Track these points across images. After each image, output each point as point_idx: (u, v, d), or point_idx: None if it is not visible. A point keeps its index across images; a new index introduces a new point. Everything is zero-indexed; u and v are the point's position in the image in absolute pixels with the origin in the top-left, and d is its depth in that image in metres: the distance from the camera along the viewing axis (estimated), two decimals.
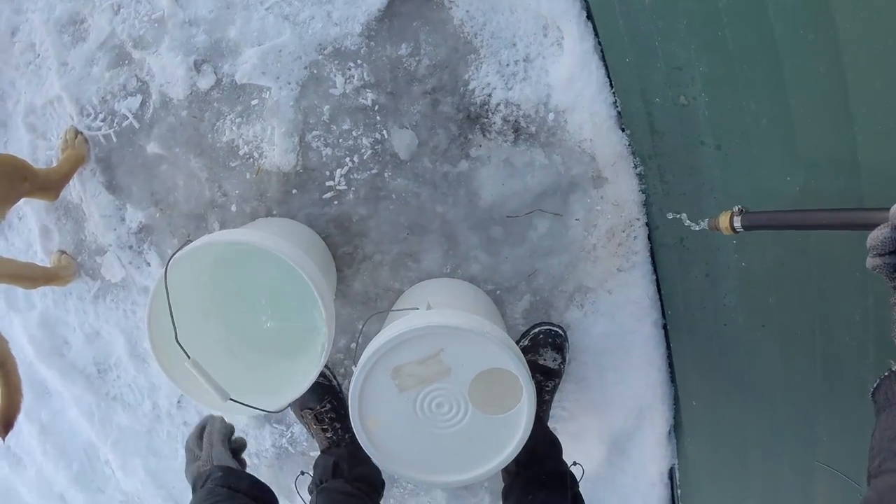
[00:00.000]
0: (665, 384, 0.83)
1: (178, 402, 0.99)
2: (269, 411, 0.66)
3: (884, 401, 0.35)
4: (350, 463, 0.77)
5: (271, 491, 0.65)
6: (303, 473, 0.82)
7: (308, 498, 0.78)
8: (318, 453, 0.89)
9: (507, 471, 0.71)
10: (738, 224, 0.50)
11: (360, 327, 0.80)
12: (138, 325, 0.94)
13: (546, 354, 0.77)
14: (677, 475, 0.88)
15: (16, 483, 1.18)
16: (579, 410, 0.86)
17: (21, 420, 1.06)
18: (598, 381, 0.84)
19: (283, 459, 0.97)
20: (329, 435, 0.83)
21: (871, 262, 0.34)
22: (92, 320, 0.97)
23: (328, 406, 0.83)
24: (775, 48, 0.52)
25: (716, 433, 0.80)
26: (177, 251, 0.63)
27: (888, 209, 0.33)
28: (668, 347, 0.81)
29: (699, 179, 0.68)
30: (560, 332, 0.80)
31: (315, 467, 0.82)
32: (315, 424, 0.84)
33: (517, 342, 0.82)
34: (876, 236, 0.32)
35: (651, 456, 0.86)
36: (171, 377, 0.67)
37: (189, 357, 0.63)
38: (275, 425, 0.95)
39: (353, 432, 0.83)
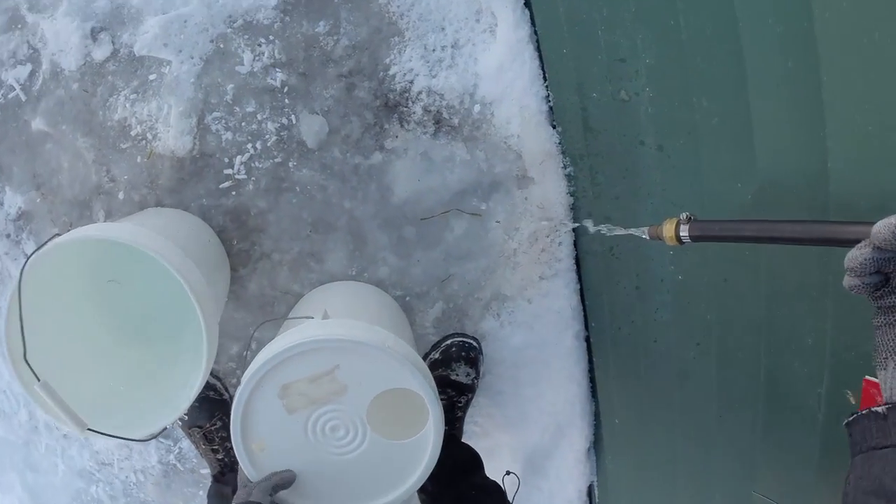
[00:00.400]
0: (585, 400, 0.76)
1: None
2: (134, 440, 0.58)
3: (860, 439, 0.32)
4: None
5: None
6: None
7: None
8: (209, 470, 0.80)
9: (424, 491, 0.64)
10: (685, 233, 0.44)
11: (252, 333, 0.72)
12: (2, 351, 0.85)
13: (458, 369, 0.71)
14: (596, 493, 0.82)
15: None
16: (493, 426, 0.79)
17: None
18: (514, 395, 0.77)
19: (171, 477, 0.87)
20: (220, 457, 0.75)
21: (848, 281, 0.31)
22: None
23: (219, 424, 0.75)
24: (738, 39, 0.47)
25: (640, 453, 0.74)
26: (37, 249, 0.55)
27: (869, 224, 0.29)
28: (591, 362, 0.75)
29: (635, 182, 0.62)
30: (474, 344, 0.73)
31: (209, 497, 0.74)
32: (204, 444, 0.75)
33: (427, 354, 0.75)
34: (855, 257, 0.29)
35: (569, 474, 0.79)
36: (31, 397, 0.58)
37: (39, 379, 0.54)
38: (161, 440, 0.85)
39: None
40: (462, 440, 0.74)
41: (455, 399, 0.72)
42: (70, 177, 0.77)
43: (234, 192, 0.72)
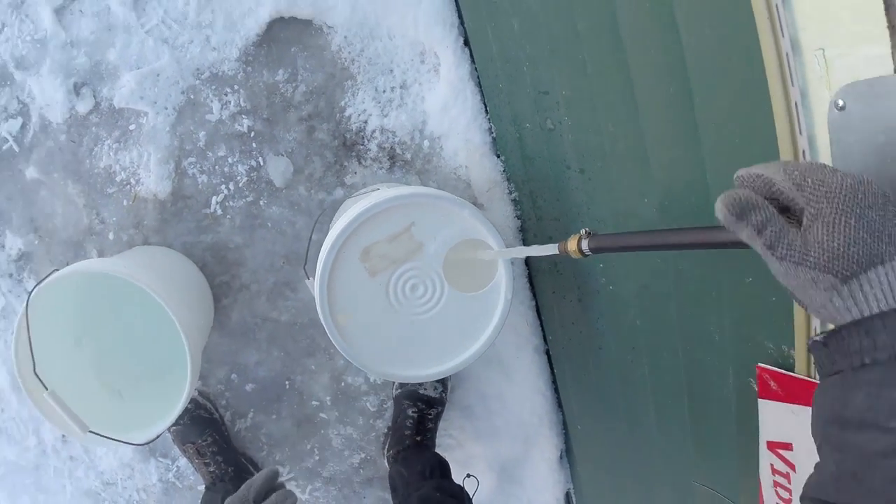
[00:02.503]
0: (552, 410, 0.92)
1: (63, 436, 1.08)
2: (131, 443, 0.75)
3: (819, 369, 0.35)
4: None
5: None
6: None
7: None
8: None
9: (394, 491, 0.81)
10: (585, 247, 0.54)
11: (313, 227, 0.85)
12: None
13: (427, 384, 0.87)
14: (574, 499, 0.97)
15: None
16: (466, 438, 0.95)
17: None
18: (482, 408, 0.93)
19: (171, 495, 1.06)
20: (212, 469, 0.92)
21: (740, 232, 0.33)
22: None
23: (209, 439, 0.92)
24: (628, 69, 0.60)
25: (602, 457, 0.89)
26: (40, 282, 0.73)
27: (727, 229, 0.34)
28: (553, 373, 0.91)
29: (567, 204, 0.77)
30: None
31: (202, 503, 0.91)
32: (197, 458, 0.93)
33: None
34: (727, 201, 0.32)
35: (544, 482, 0.95)
36: (38, 408, 0.77)
37: (47, 388, 0.72)
38: (160, 459, 1.04)
39: (235, 465, 0.92)
40: (435, 451, 0.90)
41: (426, 412, 0.88)
42: (64, 220, 0.96)
43: (212, 230, 0.90)
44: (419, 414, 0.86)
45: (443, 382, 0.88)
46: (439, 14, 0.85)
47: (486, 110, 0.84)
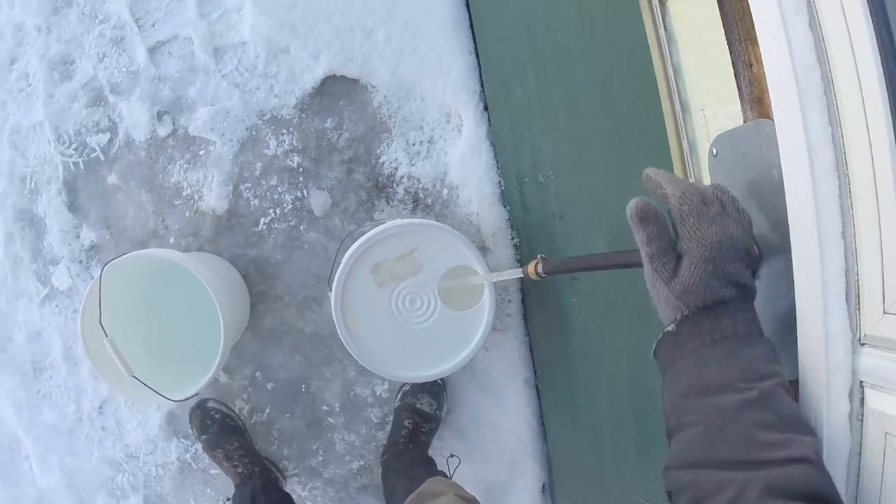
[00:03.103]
0: (536, 441, 1.07)
1: (100, 408, 1.27)
2: (166, 397, 0.91)
3: (666, 361, 0.41)
4: (264, 490, 1.00)
5: None
6: (228, 500, 1.07)
7: None
8: (219, 472, 1.15)
9: (386, 480, 0.94)
10: (540, 269, 0.64)
11: (341, 243, 1.04)
12: (75, 331, 1.24)
13: (423, 399, 1.02)
14: None
15: None
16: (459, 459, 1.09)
17: None
18: (475, 433, 1.08)
19: (185, 474, 1.23)
20: (240, 470, 1.06)
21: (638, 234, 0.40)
22: (36, 321, 1.27)
23: (236, 444, 1.07)
24: (585, 134, 0.76)
25: (581, 492, 1.02)
26: (117, 257, 0.93)
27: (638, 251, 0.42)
28: (541, 406, 1.05)
29: (553, 248, 0.93)
30: (439, 381, 1.05)
31: (233, 500, 1.05)
32: (226, 462, 1.07)
33: (401, 386, 1.07)
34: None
35: None
36: (90, 356, 0.94)
37: (107, 335, 0.90)
38: (181, 440, 1.21)
39: (261, 465, 1.08)
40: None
41: (420, 425, 1.02)
42: (133, 221, 1.16)
43: (257, 246, 1.09)
44: (414, 425, 1.01)
45: (437, 401, 1.03)
46: (465, 82, 1.05)
47: (497, 166, 1.02)
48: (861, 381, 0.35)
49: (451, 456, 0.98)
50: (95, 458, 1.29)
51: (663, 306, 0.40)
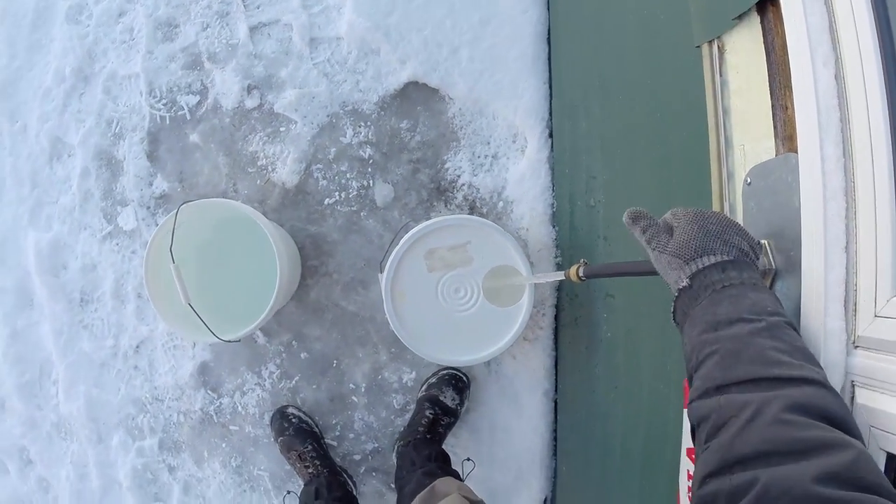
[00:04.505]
0: (546, 454, 1.18)
1: (137, 347, 1.41)
2: (213, 332, 1.02)
3: (682, 316, 0.46)
4: (328, 489, 1.11)
5: None
6: (289, 493, 1.19)
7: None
8: (237, 428, 1.28)
9: (400, 468, 1.05)
10: (581, 273, 0.74)
11: (395, 241, 1.19)
12: (129, 270, 1.39)
13: (447, 392, 1.14)
14: None
15: None
16: (467, 455, 1.21)
17: None
18: (489, 436, 1.19)
19: (205, 425, 1.36)
20: (310, 471, 1.16)
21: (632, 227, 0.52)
22: (94, 254, 1.43)
23: (310, 447, 1.18)
24: (637, 163, 0.88)
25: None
26: (189, 201, 1.07)
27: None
28: (556, 421, 1.16)
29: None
30: (464, 378, 1.17)
31: (301, 495, 1.15)
32: (299, 462, 1.18)
33: (427, 378, 1.19)
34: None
35: None
36: (148, 288, 1.09)
37: (174, 262, 1.03)
38: (209, 391, 1.35)
39: (329, 468, 1.20)
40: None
41: (440, 417, 1.12)
42: (206, 180, 1.31)
43: (317, 223, 1.23)
44: (434, 417, 1.12)
45: (460, 396, 1.15)
46: (535, 109, 1.19)
47: (553, 188, 1.16)
48: (853, 381, 0.44)
49: (468, 459, 1.09)
50: (121, 394, 1.43)
51: (668, 271, 0.48)
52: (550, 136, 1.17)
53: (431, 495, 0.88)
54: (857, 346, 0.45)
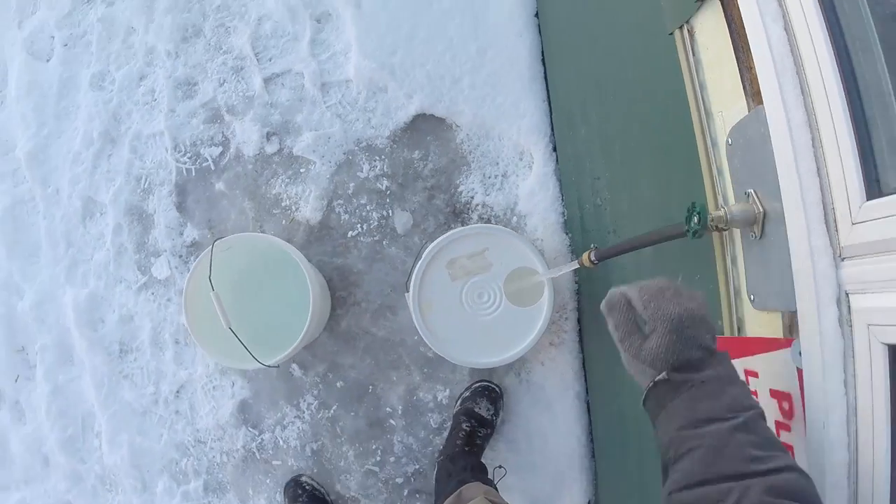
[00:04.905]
0: (584, 455, 1.20)
1: (177, 392, 1.47)
2: (254, 357, 1.09)
3: (656, 406, 0.48)
4: None
5: None
6: None
7: None
8: (280, 463, 1.32)
9: (438, 481, 1.07)
10: (593, 256, 0.84)
11: (420, 255, 1.25)
12: (166, 318, 1.47)
13: (481, 404, 1.18)
14: None
15: (11, 435, 1.68)
16: (509, 469, 1.24)
17: (40, 377, 1.59)
18: (526, 444, 1.23)
19: (248, 463, 1.40)
20: None
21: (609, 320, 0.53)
22: (131, 306, 1.51)
23: None
24: (636, 153, 0.94)
25: None
26: (223, 237, 1.15)
27: (678, 225, 0.62)
28: (591, 422, 1.20)
29: (609, 264, 1.10)
30: (496, 389, 1.21)
31: None
32: None
33: (461, 393, 1.24)
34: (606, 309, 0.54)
35: None
36: (188, 320, 1.15)
37: (213, 289, 1.10)
38: (250, 428, 1.40)
39: None
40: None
41: (477, 429, 1.17)
42: (234, 225, 1.40)
43: (342, 255, 1.30)
44: (471, 429, 1.16)
45: (495, 406, 1.19)
46: (537, 126, 1.27)
47: (562, 198, 1.23)
48: (846, 291, 0.49)
49: (499, 467, 1.13)
50: (164, 440, 1.48)
51: (639, 376, 0.51)
52: (554, 149, 1.25)
53: (458, 500, 0.91)
54: (843, 259, 0.50)
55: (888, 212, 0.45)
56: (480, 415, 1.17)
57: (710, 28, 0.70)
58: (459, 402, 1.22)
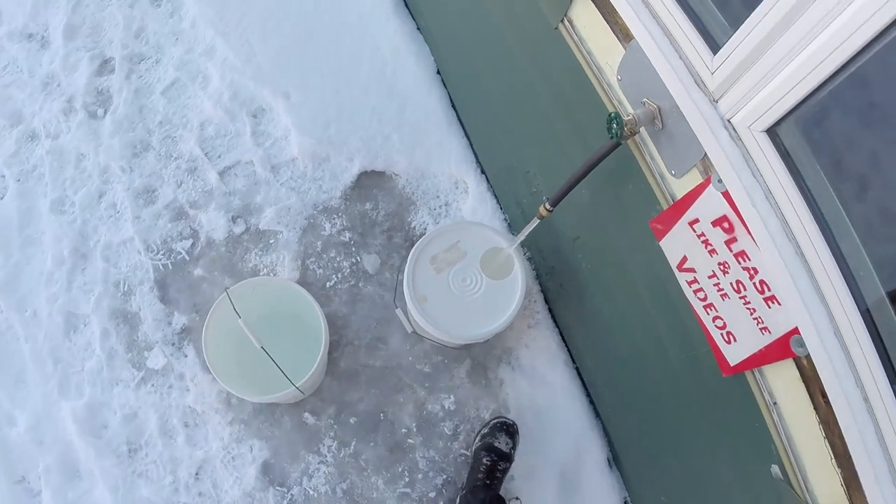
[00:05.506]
0: (590, 415, 1.43)
1: (196, 474, 1.57)
2: (286, 375, 1.21)
3: None
4: None
5: None
6: None
7: None
8: None
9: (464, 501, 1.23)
10: (547, 205, 1.07)
11: (406, 262, 1.45)
12: (171, 404, 1.58)
13: (500, 438, 1.34)
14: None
15: None
16: (525, 452, 1.41)
17: (48, 502, 1.62)
18: (535, 422, 1.45)
19: None
20: None
21: None
22: (132, 403, 1.61)
23: None
24: (550, 123, 1.21)
25: (643, 446, 1.32)
26: (236, 283, 1.32)
27: (604, 141, 0.87)
28: (584, 384, 1.42)
29: (555, 234, 1.36)
30: (513, 424, 1.37)
31: None
32: None
33: (479, 431, 1.40)
34: None
35: (598, 487, 1.41)
36: (207, 352, 1.29)
37: (240, 317, 1.24)
38: (277, 487, 1.52)
39: None
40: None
41: (497, 463, 1.29)
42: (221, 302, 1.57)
43: (326, 304, 1.50)
44: (492, 463, 1.30)
45: (513, 440, 1.32)
46: (463, 156, 1.57)
47: (500, 206, 1.52)
48: (727, 119, 0.70)
49: (516, 498, 1.27)
50: None
51: None
52: (483, 171, 1.55)
53: None
54: (716, 100, 0.74)
55: (723, 59, 0.72)
56: (500, 449, 1.31)
57: (584, 13, 0.96)
58: (478, 438, 1.38)
